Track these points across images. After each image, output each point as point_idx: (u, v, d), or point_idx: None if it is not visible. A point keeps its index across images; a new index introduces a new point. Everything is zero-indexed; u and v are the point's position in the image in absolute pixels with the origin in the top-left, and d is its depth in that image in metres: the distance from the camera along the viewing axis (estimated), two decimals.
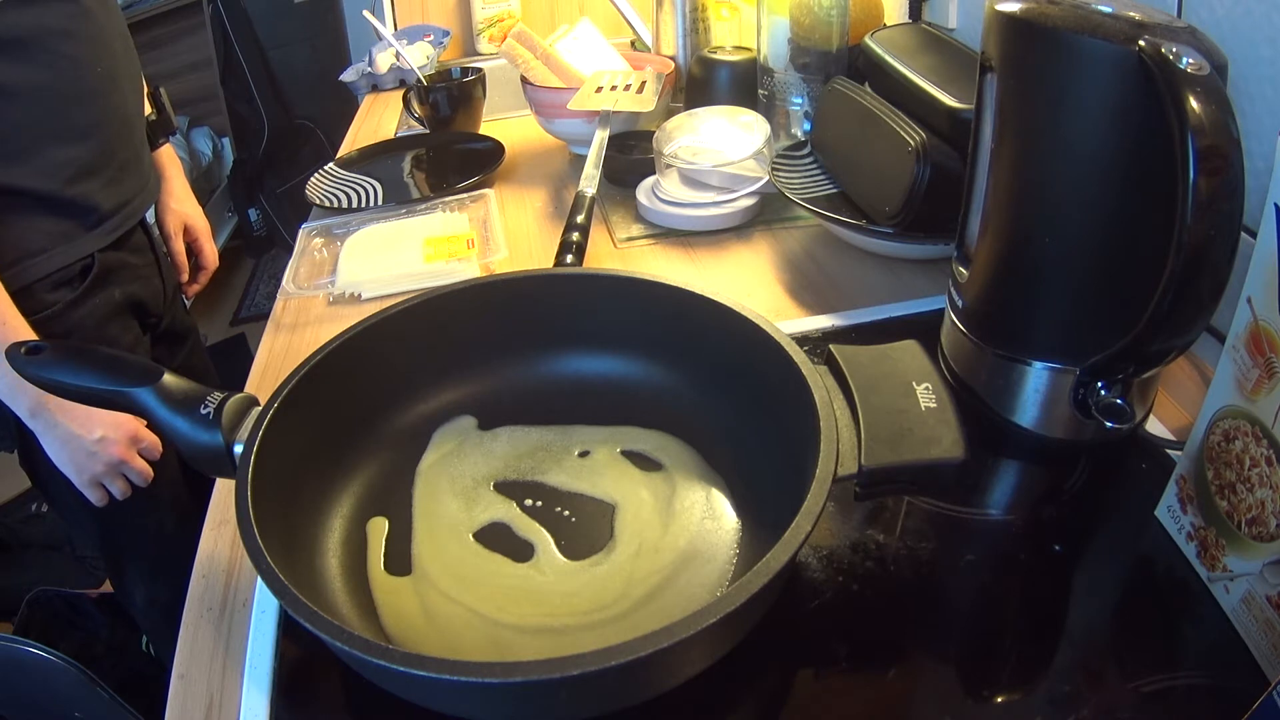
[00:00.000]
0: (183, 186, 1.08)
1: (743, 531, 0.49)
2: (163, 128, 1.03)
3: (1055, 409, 0.53)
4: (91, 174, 0.84)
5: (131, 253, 0.93)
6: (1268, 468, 0.39)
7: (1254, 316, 0.40)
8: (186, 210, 1.08)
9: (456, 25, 1.66)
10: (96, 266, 0.86)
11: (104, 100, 0.85)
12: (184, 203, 1.08)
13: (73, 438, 0.80)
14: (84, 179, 0.83)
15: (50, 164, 0.80)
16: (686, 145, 0.90)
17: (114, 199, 0.87)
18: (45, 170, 0.80)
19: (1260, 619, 0.40)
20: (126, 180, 0.90)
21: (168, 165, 1.06)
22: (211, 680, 0.45)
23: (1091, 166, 0.46)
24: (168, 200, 1.06)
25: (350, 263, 0.83)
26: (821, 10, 0.87)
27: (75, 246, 0.84)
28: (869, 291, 0.74)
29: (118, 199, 0.88)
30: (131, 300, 0.92)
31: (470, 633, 0.44)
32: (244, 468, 0.43)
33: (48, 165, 0.80)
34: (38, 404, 0.78)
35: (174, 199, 1.07)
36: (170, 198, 1.06)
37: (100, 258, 0.87)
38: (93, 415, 0.80)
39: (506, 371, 0.59)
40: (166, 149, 1.06)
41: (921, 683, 0.42)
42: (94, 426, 0.80)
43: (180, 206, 1.07)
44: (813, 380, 0.45)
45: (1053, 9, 0.45)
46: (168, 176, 1.06)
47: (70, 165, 0.82)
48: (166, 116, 1.04)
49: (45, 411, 0.78)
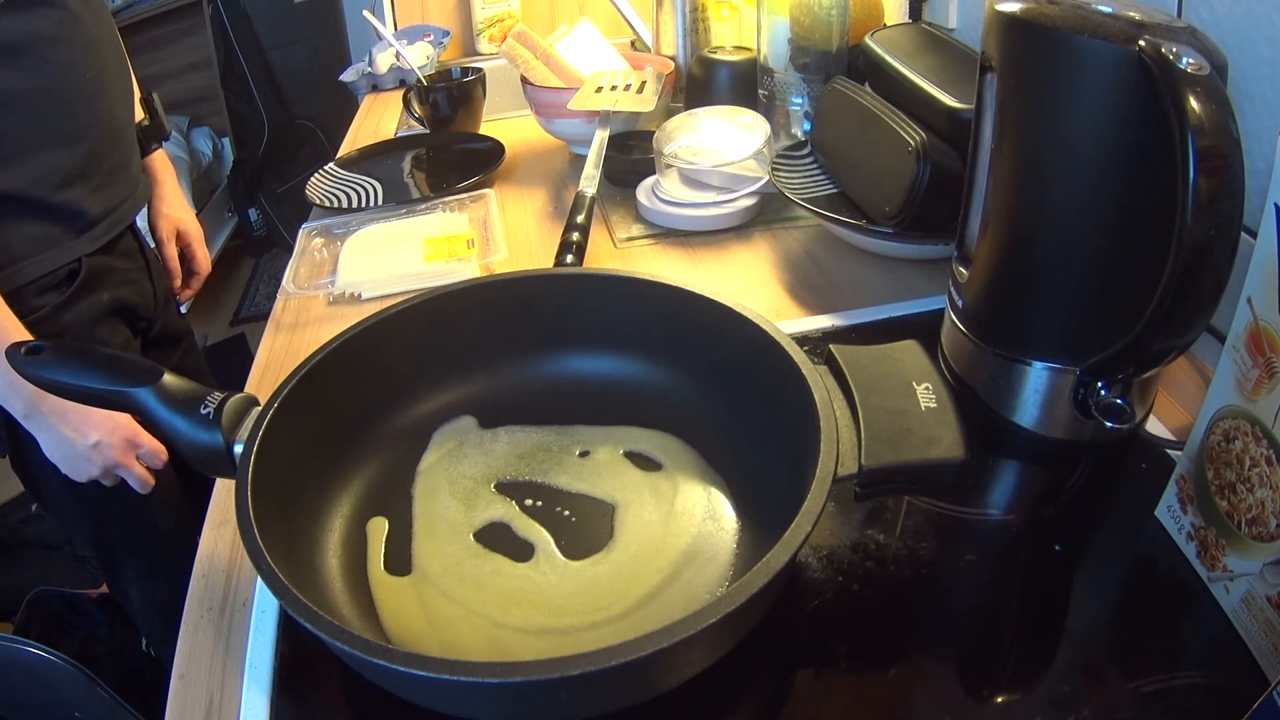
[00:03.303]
0: (175, 192, 1.07)
1: (743, 531, 0.49)
2: (155, 133, 1.02)
3: (1055, 409, 0.53)
4: (80, 179, 0.84)
5: (120, 257, 0.92)
6: (1268, 468, 0.39)
7: (1254, 316, 0.40)
8: (179, 215, 1.07)
9: (456, 25, 1.66)
10: (84, 271, 0.86)
11: (93, 105, 0.85)
12: (176, 208, 1.07)
13: (66, 442, 0.80)
14: (72, 184, 0.83)
15: (39, 169, 0.80)
16: (686, 145, 0.90)
17: (102, 204, 0.87)
18: (34, 175, 0.80)
19: (1260, 619, 0.40)
20: (115, 185, 0.89)
21: (160, 170, 1.05)
22: (211, 680, 0.45)
23: (1091, 166, 0.46)
24: (160, 205, 1.05)
25: (350, 263, 0.83)
26: (821, 10, 0.87)
27: (62, 251, 0.84)
28: (869, 291, 0.74)
29: (106, 204, 0.88)
30: (120, 304, 0.92)
31: (470, 633, 0.44)
32: (244, 468, 0.43)
33: (36, 170, 0.80)
34: (32, 406, 0.78)
35: (166, 204, 1.06)
36: (163, 203, 1.05)
37: (88, 262, 0.86)
38: (88, 418, 0.80)
39: (506, 371, 0.59)
40: (159, 154, 1.05)
41: (921, 683, 0.42)
42: (89, 431, 0.80)
43: (173, 211, 1.06)
44: (813, 380, 0.45)
45: (1053, 9, 0.45)
46: (160, 181, 1.05)
47: (59, 171, 0.82)
48: (159, 122, 1.03)
49: (39, 414, 0.78)
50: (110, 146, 0.88)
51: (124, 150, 0.91)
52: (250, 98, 2.50)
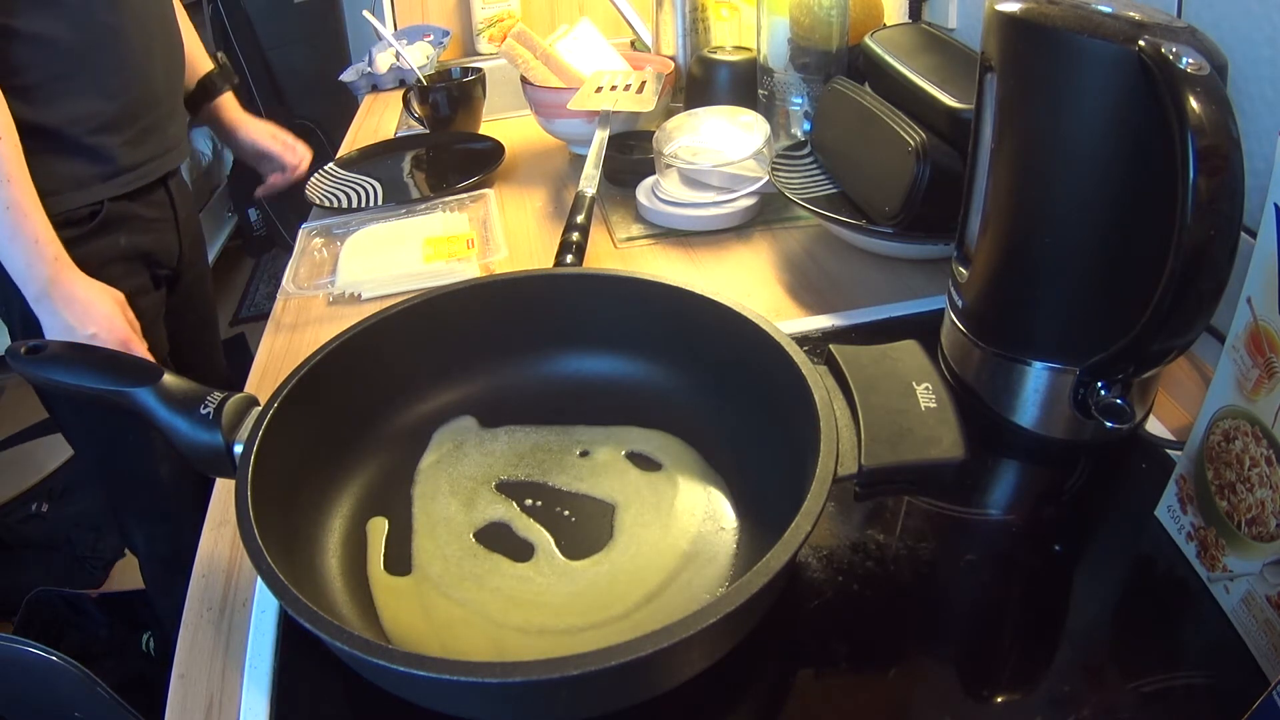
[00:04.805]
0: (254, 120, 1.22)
1: (743, 532, 0.49)
2: (225, 77, 1.17)
3: (1055, 409, 0.53)
4: (113, 130, 0.91)
5: (147, 206, 0.99)
6: (1268, 468, 0.39)
7: (1254, 316, 0.40)
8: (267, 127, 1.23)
9: (456, 25, 1.66)
10: (104, 213, 0.92)
11: (134, 69, 0.93)
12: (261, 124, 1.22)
13: (68, 328, 0.84)
14: (104, 132, 0.90)
15: (76, 111, 0.88)
16: (686, 145, 0.90)
17: (132, 157, 0.94)
18: (70, 116, 0.87)
19: (1260, 619, 0.40)
20: (146, 144, 0.96)
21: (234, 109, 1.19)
22: (211, 680, 0.45)
23: (1091, 166, 0.46)
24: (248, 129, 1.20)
25: (350, 263, 0.83)
26: (821, 10, 0.87)
27: (86, 192, 0.90)
28: (869, 291, 0.74)
29: (136, 158, 0.95)
30: (138, 249, 0.98)
31: (470, 633, 0.44)
32: (244, 468, 0.43)
33: (74, 112, 0.88)
34: (42, 290, 0.83)
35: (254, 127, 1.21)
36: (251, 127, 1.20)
37: (110, 206, 0.93)
38: (90, 309, 0.85)
39: (506, 371, 0.59)
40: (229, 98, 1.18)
41: (921, 683, 0.42)
42: (89, 324, 0.85)
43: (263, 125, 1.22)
44: (813, 380, 0.45)
45: (1053, 9, 0.45)
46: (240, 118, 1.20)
47: (95, 118, 0.89)
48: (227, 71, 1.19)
49: (48, 299, 0.83)
50: (145, 109, 0.95)
51: (159, 116, 0.98)
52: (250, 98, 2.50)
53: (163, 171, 1.00)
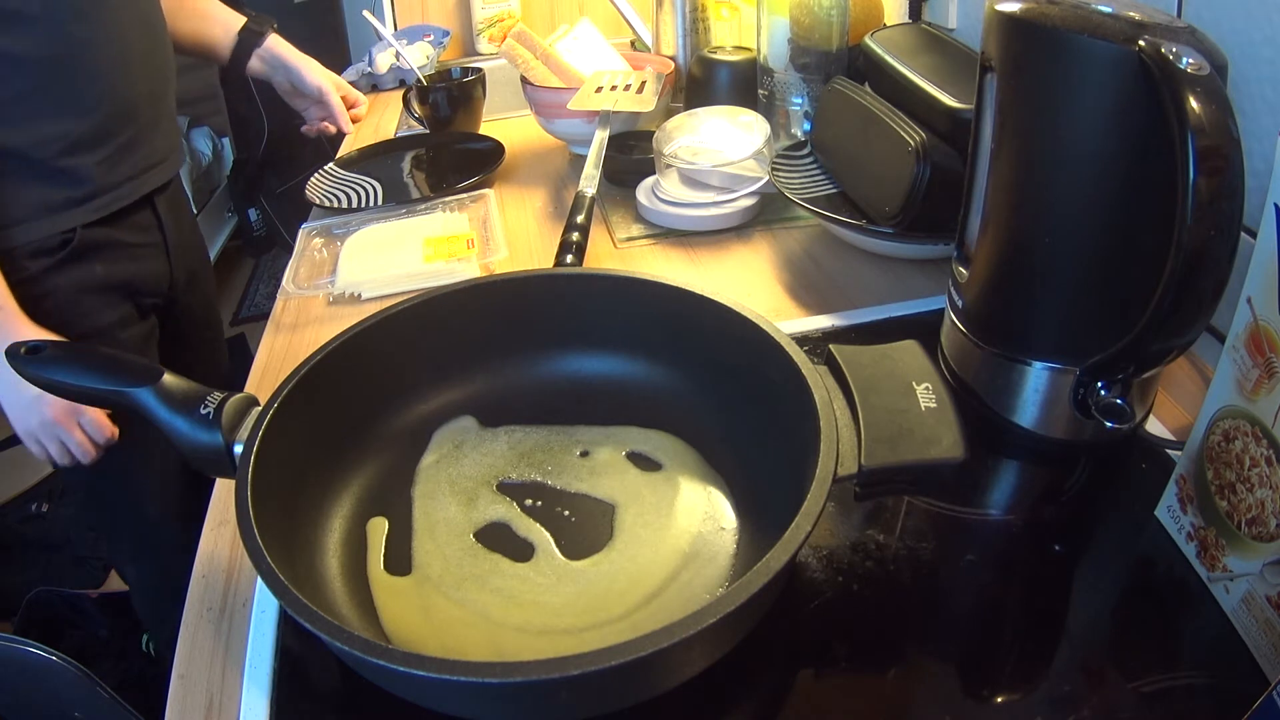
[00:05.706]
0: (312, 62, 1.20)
1: (743, 532, 0.49)
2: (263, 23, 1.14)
3: (1055, 409, 0.53)
4: (85, 149, 0.85)
5: (128, 230, 0.92)
6: (1268, 468, 0.39)
7: (1254, 316, 0.40)
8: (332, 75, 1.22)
9: (456, 25, 1.66)
10: (76, 240, 0.86)
11: (108, 82, 0.86)
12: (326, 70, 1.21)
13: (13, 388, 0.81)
14: (77, 152, 0.84)
15: (43, 133, 0.82)
16: (686, 145, 0.90)
17: (109, 177, 0.88)
18: (37, 138, 0.82)
19: (1260, 619, 0.40)
20: (126, 161, 0.90)
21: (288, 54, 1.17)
22: (211, 680, 0.45)
23: (1091, 166, 0.46)
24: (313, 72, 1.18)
25: (350, 263, 0.83)
26: (821, 10, 0.87)
27: (57, 220, 0.84)
28: (869, 291, 0.74)
29: (113, 178, 0.89)
30: (118, 278, 0.91)
31: (470, 633, 0.44)
32: (244, 468, 0.43)
33: (41, 133, 0.82)
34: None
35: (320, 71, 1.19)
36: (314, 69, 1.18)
37: (83, 233, 0.86)
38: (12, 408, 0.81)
39: (506, 371, 0.59)
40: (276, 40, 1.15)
41: (921, 683, 0.42)
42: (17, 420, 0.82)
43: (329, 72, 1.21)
44: (813, 380, 0.45)
45: (1053, 9, 0.45)
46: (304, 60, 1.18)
47: (64, 137, 0.83)
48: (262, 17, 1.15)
49: None
50: (122, 123, 0.89)
51: (139, 130, 0.92)
52: (250, 98, 2.50)
53: (146, 190, 0.93)
